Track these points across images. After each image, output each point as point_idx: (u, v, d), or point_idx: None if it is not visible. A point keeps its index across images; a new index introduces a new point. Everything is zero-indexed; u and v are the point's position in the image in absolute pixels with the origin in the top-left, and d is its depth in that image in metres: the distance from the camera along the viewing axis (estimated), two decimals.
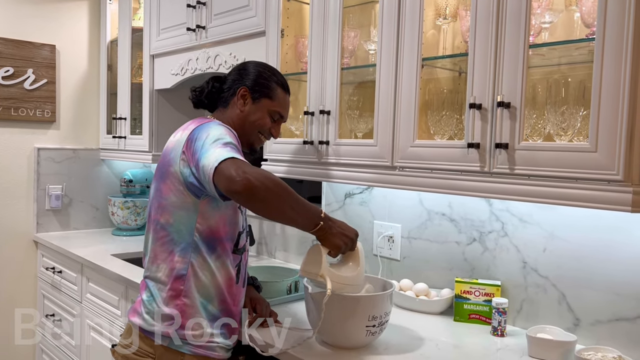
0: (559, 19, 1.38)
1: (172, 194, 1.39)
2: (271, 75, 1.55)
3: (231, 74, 1.56)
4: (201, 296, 1.39)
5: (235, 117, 1.51)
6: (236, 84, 1.52)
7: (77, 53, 3.05)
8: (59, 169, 3.01)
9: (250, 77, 1.52)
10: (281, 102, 1.55)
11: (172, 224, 1.40)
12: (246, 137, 1.52)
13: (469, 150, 1.37)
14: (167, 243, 1.41)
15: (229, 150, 1.25)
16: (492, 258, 1.69)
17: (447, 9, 1.58)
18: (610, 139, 1.13)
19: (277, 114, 1.55)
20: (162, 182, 1.42)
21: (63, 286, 2.66)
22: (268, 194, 1.21)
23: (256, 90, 1.51)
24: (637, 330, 1.38)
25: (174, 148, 1.40)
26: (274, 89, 1.53)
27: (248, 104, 1.51)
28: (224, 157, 1.22)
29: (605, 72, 1.13)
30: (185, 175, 1.36)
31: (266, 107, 1.52)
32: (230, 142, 1.30)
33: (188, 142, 1.36)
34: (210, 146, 1.28)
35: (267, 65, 1.59)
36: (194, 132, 1.37)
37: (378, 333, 1.41)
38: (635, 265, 1.39)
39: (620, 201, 1.12)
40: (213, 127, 1.36)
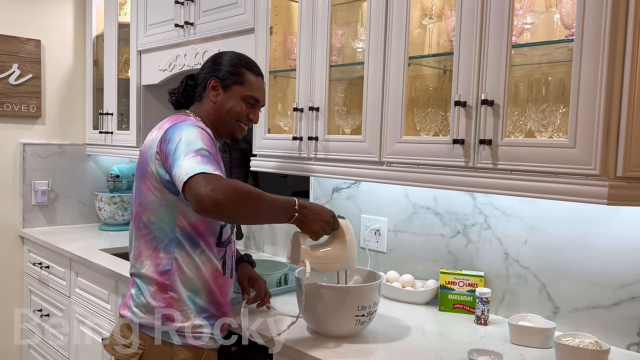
0: (539, 20, 1.44)
1: (151, 193, 1.41)
2: (239, 61, 1.54)
3: (202, 69, 1.57)
4: (187, 289, 1.42)
5: (209, 110, 1.52)
6: (206, 77, 1.54)
7: (62, 48, 3.04)
8: (44, 165, 3.00)
9: (219, 67, 1.53)
10: (254, 86, 1.54)
11: (154, 222, 1.42)
12: (225, 128, 1.54)
13: (454, 146, 1.42)
14: (151, 240, 1.43)
15: (198, 162, 1.27)
16: (475, 250, 1.75)
17: (433, 9, 1.62)
18: (588, 136, 1.19)
19: (252, 99, 1.54)
20: (142, 181, 1.44)
21: (51, 281, 2.66)
22: (237, 207, 1.26)
23: (225, 78, 1.51)
24: (612, 317, 1.46)
25: (150, 147, 1.42)
26: (243, 74, 1.53)
27: (220, 94, 1.52)
28: (193, 172, 1.24)
29: (584, 71, 1.19)
30: (161, 175, 1.39)
31: (238, 93, 1.52)
32: (201, 148, 1.31)
33: (161, 142, 1.38)
34: (182, 153, 1.30)
35: (235, 53, 1.59)
36: (167, 132, 1.38)
37: (367, 322, 1.46)
38: (610, 256, 1.46)
39: (597, 195, 1.18)
40: (186, 129, 1.37)
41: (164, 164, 1.37)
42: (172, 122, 1.42)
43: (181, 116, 1.49)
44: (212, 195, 1.20)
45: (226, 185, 1.23)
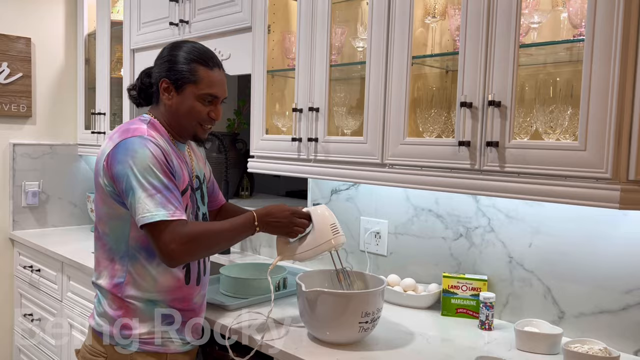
0: (546, 19, 1.41)
1: (104, 205, 1.38)
2: (191, 56, 1.39)
3: (156, 65, 1.45)
4: (143, 301, 1.38)
5: (166, 114, 1.43)
6: (158, 77, 1.42)
7: (53, 46, 2.98)
8: (35, 165, 2.94)
9: (170, 65, 1.40)
10: (209, 82, 1.40)
11: (108, 234, 1.39)
12: (185, 131, 1.45)
13: (459, 148, 1.38)
14: (107, 251, 1.40)
15: (156, 203, 1.25)
16: (478, 253, 1.72)
17: (436, 8, 1.59)
18: (599, 138, 1.16)
19: (209, 96, 1.41)
20: (96, 192, 1.40)
21: (42, 285, 2.60)
22: (197, 253, 1.32)
23: (176, 78, 1.38)
24: (619, 322, 1.43)
25: (99, 159, 1.37)
26: (196, 70, 1.39)
27: (173, 96, 1.40)
28: (150, 219, 1.24)
29: (595, 72, 1.16)
30: (109, 191, 1.34)
31: (193, 93, 1.39)
32: (154, 181, 1.26)
33: (109, 158, 1.31)
34: (136, 186, 1.26)
35: (189, 45, 1.43)
36: (116, 150, 1.31)
37: (370, 329, 1.43)
38: (617, 259, 1.43)
39: (608, 198, 1.15)
40: (136, 150, 1.28)
41: (112, 182, 1.32)
42: (123, 135, 1.33)
43: (135, 122, 1.40)
44: (171, 249, 1.24)
45: (184, 236, 1.25)
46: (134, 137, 1.31)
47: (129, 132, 1.33)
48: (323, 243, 1.45)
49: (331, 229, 1.46)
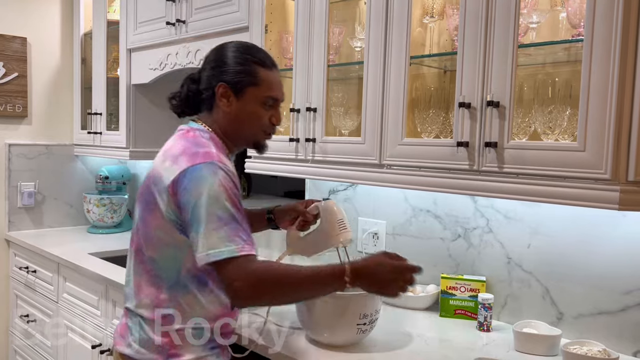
0: (545, 19, 1.40)
1: (160, 230, 1.24)
2: (249, 57, 1.30)
3: (204, 69, 1.34)
4: (192, 329, 1.29)
5: (224, 122, 1.31)
6: (212, 81, 1.30)
7: (49, 46, 2.96)
8: (31, 166, 2.92)
9: (225, 68, 1.29)
10: (270, 84, 1.31)
11: (158, 260, 1.26)
12: (245, 139, 1.35)
13: (458, 148, 1.38)
14: (154, 278, 1.27)
15: (223, 237, 1.14)
16: (476, 254, 1.72)
17: (434, 8, 1.58)
18: (598, 139, 1.15)
19: (270, 99, 1.31)
20: (147, 213, 1.26)
21: (38, 286, 2.59)
22: (263, 295, 1.17)
23: (236, 82, 1.28)
24: (618, 323, 1.43)
25: (159, 179, 1.23)
26: (255, 72, 1.29)
27: (232, 101, 1.29)
28: (219, 256, 1.13)
29: (594, 72, 1.15)
30: (172, 218, 1.22)
31: (254, 97, 1.29)
32: (225, 213, 1.15)
33: (175, 185, 1.19)
34: (204, 218, 1.14)
35: (239, 44, 1.34)
36: (184, 176, 1.18)
37: (368, 331, 1.42)
38: (616, 259, 1.43)
39: (607, 199, 1.15)
40: (208, 180, 1.16)
41: (177, 211, 1.20)
42: (192, 160, 1.19)
43: (198, 139, 1.26)
44: (236, 287, 1.13)
45: (251, 274, 1.13)
46: (203, 163, 1.18)
47: (198, 157, 1.20)
48: (330, 238, 1.44)
49: (339, 224, 1.44)
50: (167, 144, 1.33)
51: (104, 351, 2.10)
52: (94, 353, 2.14)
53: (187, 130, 1.31)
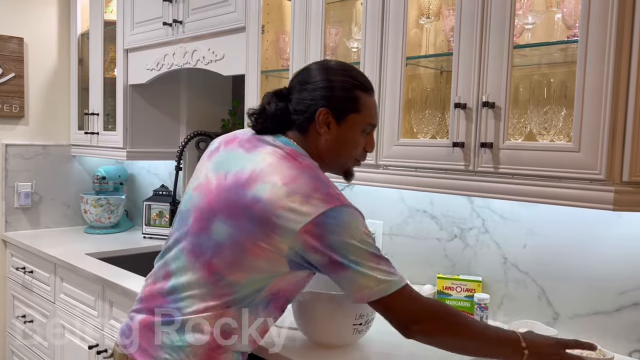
0: (540, 20, 1.41)
1: (264, 261, 1.15)
2: (351, 81, 1.23)
3: (303, 90, 1.23)
4: (237, 350, 1.24)
5: (321, 148, 1.24)
6: (311, 105, 1.21)
7: (46, 46, 2.96)
8: (28, 166, 2.91)
9: (328, 93, 1.21)
10: (370, 111, 1.25)
11: (243, 284, 1.17)
12: (339, 167, 1.29)
13: (453, 149, 1.38)
14: (227, 298, 1.18)
15: (384, 272, 1.12)
16: (473, 254, 1.72)
17: (430, 8, 1.59)
18: (593, 139, 1.16)
19: (369, 126, 1.26)
20: (251, 242, 1.14)
21: (35, 286, 2.58)
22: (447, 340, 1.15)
23: (339, 108, 1.21)
24: (614, 323, 1.43)
25: (283, 217, 1.11)
26: (359, 98, 1.22)
27: (333, 128, 1.22)
28: (386, 292, 1.11)
29: (589, 73, 1.16)
30: (295, 259, 1.14)
31: (355, 123, 1.23)
32: (378, 251, 1.14)
33: (316, 227, 1.10)
34: (366, 258, 1.11)
35: (341, 67, 1.26)
36: (327, 218, 1.10)
37: (365, 331, 1.42)
38: (612, 260, 1.43)
39: (602, 200, 1.15)
40: (353, 220, 1.13)
41: (309, 251, 1.12)
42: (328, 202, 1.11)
43: (316, 170, 1.19)
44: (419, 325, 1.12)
45: (433, 309, 1.14)
46: (343, 206, 1.13)
47: (333, 198, 1.13)
48: None
49: None
50: (262, 158, 1.19)
51: (100, 352, 2.10)
52: (91, 354, 2.14)
53: (294, 153, 1.20)
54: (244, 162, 1.20)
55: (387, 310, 1.14)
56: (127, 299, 1.95)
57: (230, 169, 1.21)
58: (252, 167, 1.18)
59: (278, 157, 1.19)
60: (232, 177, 1.19)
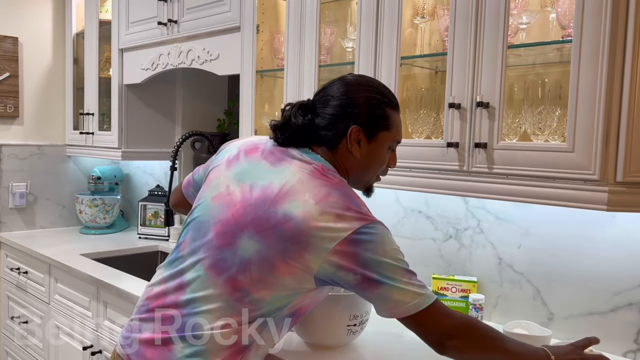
0: (535, 19, 1.41)
1: (291, 278, 1.12)
2: (382, 99, 1.21)
3: (328, 105, 1.20)
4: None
5: (350, 165, 1.21)
6: (341, 121, 1.18)
7: (41, 46, 2.94)
8: (23, 166, 2.90)
9: (359, 109, 1.18)
10: (398, 128, 1.24)
11: (268, 301, 1.14)
12: (364, 183, 1.29)
13: (448, 149, 1.38)
14: (250, 314, 1.14)
15: (417, 287, 1.11)
16: (468, 254, 1.72)
17: (425, 8, 1.58)
18: (587, 140, 1.15)
19: (396, 142, 1.26)
20: (279, 258, 1.10)
21: (29, 287, 2.57)
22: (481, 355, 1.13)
23: (370, 125, 1.19)
24: (609, 323, 1.43)
25: (316, 234, 1.08)
26: (388, 116, 1.20)
27: (363, 145, 1.19)
28: (424, 305, 1.09)
29: (582, 73, 1.16)
30: (323, 277, 1.11)
31: (385, 141, 1.21)
32: (409, 267, 1.14)
33: (349, 244, 1.08)
34: (400, 273, 1.10)
35: (371, 83, 1.24)
36: (361, 234, 1.09)
37: (359, 332, 1.42)
38: (607, 260, 1.43)
39: (596, 200, 1.15)
40: (386, 237, 1.12)
41: (343, 269, 1.09)
42: (360, 219, 1.10)
43: (346, 188, 1.17)
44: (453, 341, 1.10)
45: (465, 325, 1.12)
46: (374, 222, 1.12)
47: (365, 216, 1.12)
48: None
49: None
50: (291, 173, 1.16)
51: (95, 353, 2.09)
52: (85, 354, 2.13)
53: (323, 169, 1.17)
54: (270, 176, 1.16)
55: (421, 325, 1.12)
56: (122, 299, 1.95)
57: (255, 182, 1.17)
58: (280, 182, 1.14)
59: (307, 173, 1.15)
60: (259, 191, 1.15)
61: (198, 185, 1.38)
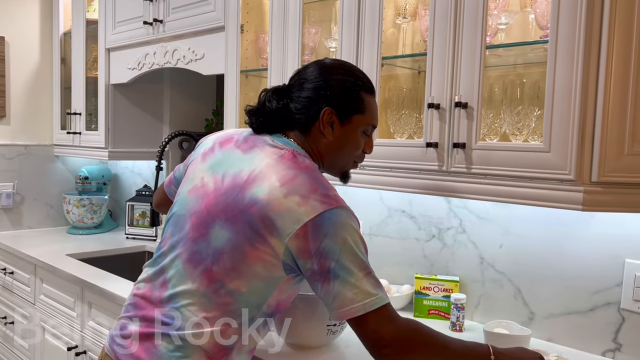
0: (514, 20, 1.41)
1: (261, 265, 1.10)
2: (356, 81, 1.20)
3: (303, 88, 1.19)
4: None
5: (323, 148, 1.20)
6: (314, 103, 1.17)
7: (28, 45, 2.93)
8: (9, 166, 2.89)
9: (332, 92, 1.17)
10: (373, 112, 1.22)
11: (244, 294, 1.12)
12: (338, 168, 1.26)
13: (427, 149, 1.38)
14: (230, 312, 1.13)
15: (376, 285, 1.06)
16: (450, 254, 1.72)
17: (407, 8, 1.58)
18: (563, 140, 1.16)
19: (371, 127, 1.23)
20: (248, 246, 1.10)
21: (15, 287, 2.56)
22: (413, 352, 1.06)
23: (344, 108, 1.18)
24: (588, 323, 1.43)
25: (280, 216, 1.07)
26: (362, 99, 1.19)
27: (336, 128, 1.18)
28: (375, 305, 1.04)
29: (558, 73, 1.16)
30: (289, 262, 1.10)
31: (358, 124, 1.20)
32: (368, 262, 1.09)
33: (310, 228, 1.05)
34: (357, 267, 1.05)
35: (343, 66, 1.23)
36: (321, 221, 1.05)
37: (339, 332, 1.42)
38: (586, 260, 1.44)
39: (572, 200, 1.15)
40: (347, 225, 1.07)
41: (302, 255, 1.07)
42: (325, 203, 1.07)
43: (315, 172, 1.14)
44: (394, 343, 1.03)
45: (410, 330, 1.07)
46: (339, 207, 1.08)
47: (331, 200, 1.08)
48: None
49: None
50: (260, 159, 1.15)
51: (79, 353, 2.08)
52: (70, 355, 2.12)
53: (293, 153, 1.15)
54: (241, 163, 1.16)
55: (362, 327, 1.06)
56: (106, 300, 1.94)
57: (227, 171, 1.16)
58: (250, 169, 1.13)
59: (277, 157, 1.14)
60: (230, 179, 1.14)
61: (179, 183, 1.38)
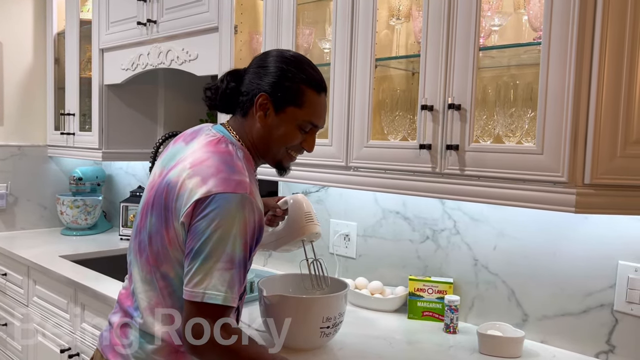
0: (507, 22, 1.41)
1: (175, 249, 1.13)
2: (297, 73, 1.17)
3: (250, 70, 1.22)
4: None
5: (254, 133, 1.20)
6: (255, 88, 1.18)
7: (21, 46, 2.91)
8: (3, 167, 2.87)
9: (270, 79, 1.17)
10: (313, 109, 1.20)
11: (174, 277, 1.15)
12: (271, 156, 1.24)
13: (420, 151, 1.38)
14: (170, 295, 1.16)
15: (227, 283, 1.05)
16: (444, 256, 1.72)
17: (400, 9, 1.58)
18: (556, 142, 1.16)
19: (309, 124, 1.21)
20: (164, 228, 1.13)
21: (8, 289, 2.55)
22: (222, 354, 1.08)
23: (279, 97, 1.16)
24: (581, 325, 1.43)
25: (181, 195, 1.10)
26: (302, 92, 1.17)
27: (270, 115, 1.18)
28: (212, 299, 1.04)
29: (551, 75, 1.16)
30: (181, 240, 1.12)
31: (293, 117, 1.18)
32: (239, 260, 1.07)
33: (196, 206, 1.07)
34: (217, 256, 1.05)
35: (294, 57, 1.21)
36: (208, 202, 1.06)
37: (332, 334, 1.41)
38: (579, 262, 1.44)
39: (564, 202, 1.15)
40: (231, 212, 1.06)
41: (183, 232, 1.10)
42: (222, 185, 1.07)
43: (233, 159, 1.14)
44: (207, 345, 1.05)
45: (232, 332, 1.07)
46: (234, 194, 1.07)
47: (230, 185, 1.08)
48: (296, 231, 1.41)
49: (305, 217, 1.41)
50: (192, 147, 1.19)
51: (72, 355, 2.07)
52: (63, 357, 2.11)
53: (219, 139, 1.18)
54: (179, 154, 1.20)
55: (190, 315, 1.06)
56: (99, 302, 1.93)
57: (168, 163, 1.20)
58: (179, 157, 1.18)
59: (204, 143, 1.18)
60: (167, 170, 1.18)
61: None
